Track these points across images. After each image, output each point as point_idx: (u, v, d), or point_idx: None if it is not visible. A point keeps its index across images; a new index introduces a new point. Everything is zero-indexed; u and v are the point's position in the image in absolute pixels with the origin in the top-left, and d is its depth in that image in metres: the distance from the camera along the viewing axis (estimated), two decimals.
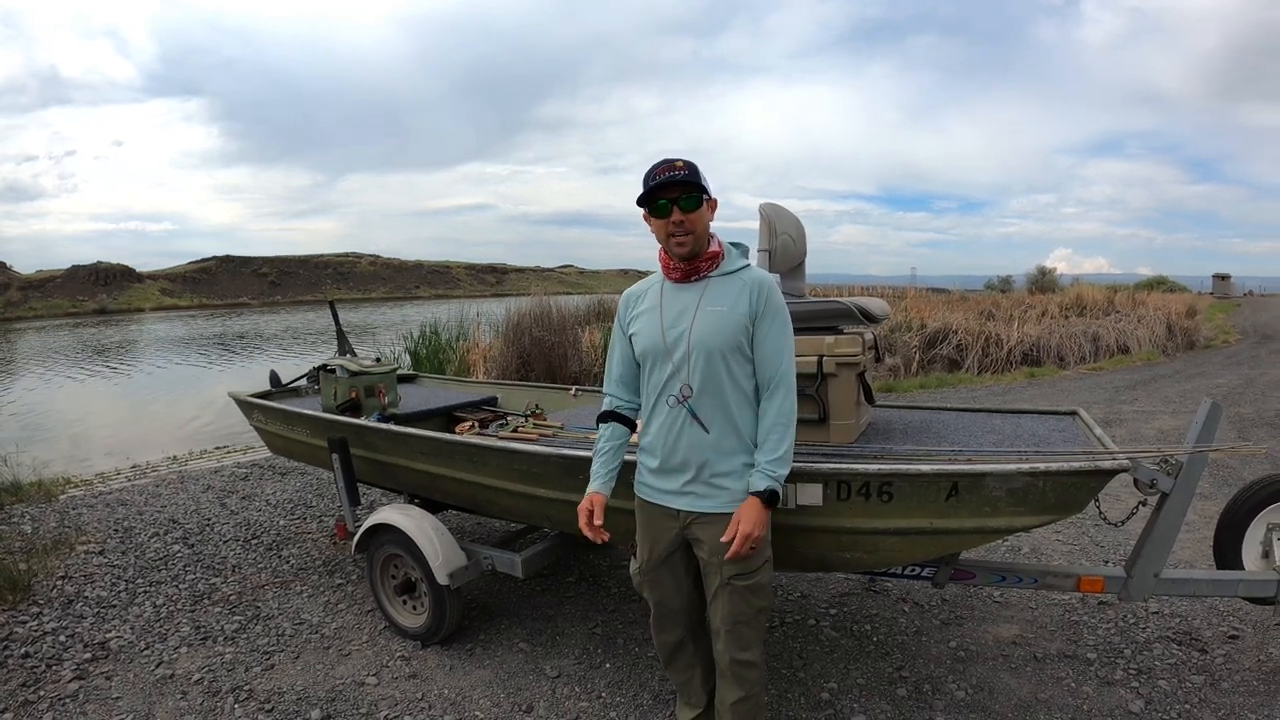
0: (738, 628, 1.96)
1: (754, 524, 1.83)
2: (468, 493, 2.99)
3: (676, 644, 2.15)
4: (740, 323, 1.91)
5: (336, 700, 2.66)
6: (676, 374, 1.94)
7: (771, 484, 1.86)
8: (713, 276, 1.97)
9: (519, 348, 9.30)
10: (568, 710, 2.59)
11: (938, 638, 3.03)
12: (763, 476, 1.87)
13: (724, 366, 1.91)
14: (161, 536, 4.38)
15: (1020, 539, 4.10)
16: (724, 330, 1.91)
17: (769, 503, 1.86)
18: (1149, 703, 2.55)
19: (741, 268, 1.99)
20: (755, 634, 1.99)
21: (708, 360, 1.91)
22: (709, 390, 1.92)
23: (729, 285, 1.95)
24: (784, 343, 1.94)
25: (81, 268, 54.55)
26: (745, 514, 1.85)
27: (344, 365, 3.63)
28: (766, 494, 1.85)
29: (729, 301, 1.93)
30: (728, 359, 1.91)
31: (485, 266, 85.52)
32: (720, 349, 1.90)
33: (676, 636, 2.14)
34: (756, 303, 1.92)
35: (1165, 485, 2.28)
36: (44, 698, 2.71)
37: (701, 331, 1.92)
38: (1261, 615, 3.11)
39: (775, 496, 1.87)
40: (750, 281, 1.95)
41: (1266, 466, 5.19)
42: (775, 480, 1.87)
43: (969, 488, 2.09)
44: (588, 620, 3.24)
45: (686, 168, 1.88)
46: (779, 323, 1.94)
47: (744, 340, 1.92)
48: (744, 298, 1.93)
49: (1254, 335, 16.06)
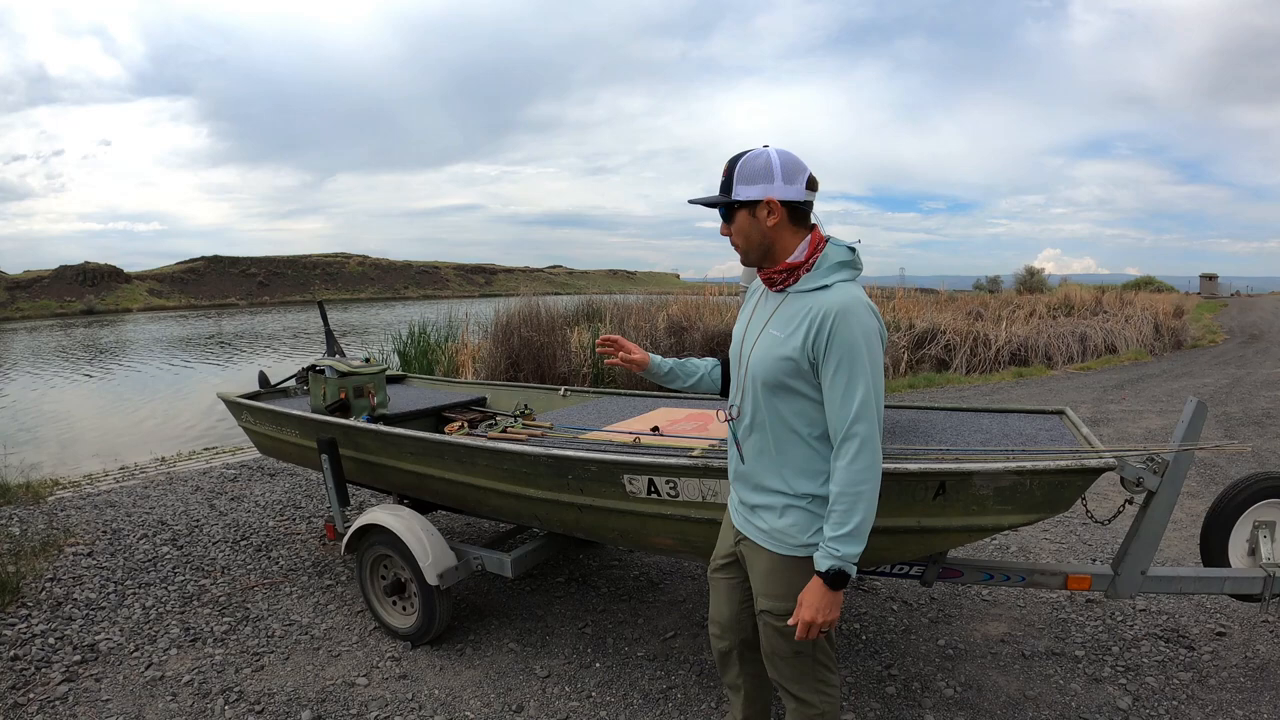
0: (774, 658, 1.83)
1: (815, 610, 1.60)
2: (457, 493, 2.99)
3: (725, 652, 2.02)
4: (789, 356, 1.63)
5: (327, 701, 2.65)
6: (736, 390, 1.78)
7: (835, 564, 1.58)
8: (791, 291, 1.70)
9: (508, 348, 9.30)
10: (558, 710, 2.59)
11: (926, 636, 3.04)
12: (825, 555, 1.60)
13: (772, 399, 1.68)
14: (150, 538, 4.35)
15: (1008, 538, 4.12)
16: (771, 361, 1.66)
17: (834, 585, 1.60)
18: (1137, 699, 2.57)
19: (819, 287, 1.65)
20: (797, 672, 1.80)
21: (755, 389, 1.70)
22: (754, 420, 1.72)
23: (797, 306, 1.66)
24: (853, 389, 1.57)
25: (69, 268, 54.10)
26: (807, 597, 1.62)
27: (333, 366, 3.61)
28: (830, 575, 1.59)
29: (790, 327, 1.65)
30: (776, 393, 1.67)
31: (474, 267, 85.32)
32: (766, 381, 1.68)
33: (724, 645, 2.01)
34: (814, 337, 1.60)
35: (1152, 483, 2.30)
36: (33, 700, 2.69)
37: (756, 356, 1.70)
38: (1248, 612, 3.15)
39: (842, 578, 1.59)
40: (816, 307, 1.61)
41: (1252, 465, 5.25)
42: (839, 559, 1.58)
43: (956, 486, 2.10)
44: (577, 620, 3.24)
45: (725, 170, 1.67)
46: (848, 363, 1.57)
47: (793, 375, 1.64)
48: (802, 327, 1.62)
49: (1241, 335, 16.23)
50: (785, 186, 1.64)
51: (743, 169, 1.66)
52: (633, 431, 2.74)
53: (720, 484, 2.23)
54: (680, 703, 2.61)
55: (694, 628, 3.14)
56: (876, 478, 1.61)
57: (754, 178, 1.65)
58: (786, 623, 1.68)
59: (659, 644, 3.02)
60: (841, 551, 1.58)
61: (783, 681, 1.84)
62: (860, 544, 1.59)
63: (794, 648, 1.77)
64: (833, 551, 1.59)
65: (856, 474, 1.58)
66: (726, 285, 13.99)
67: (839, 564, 1.59)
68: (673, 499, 2.33)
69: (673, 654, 2.94)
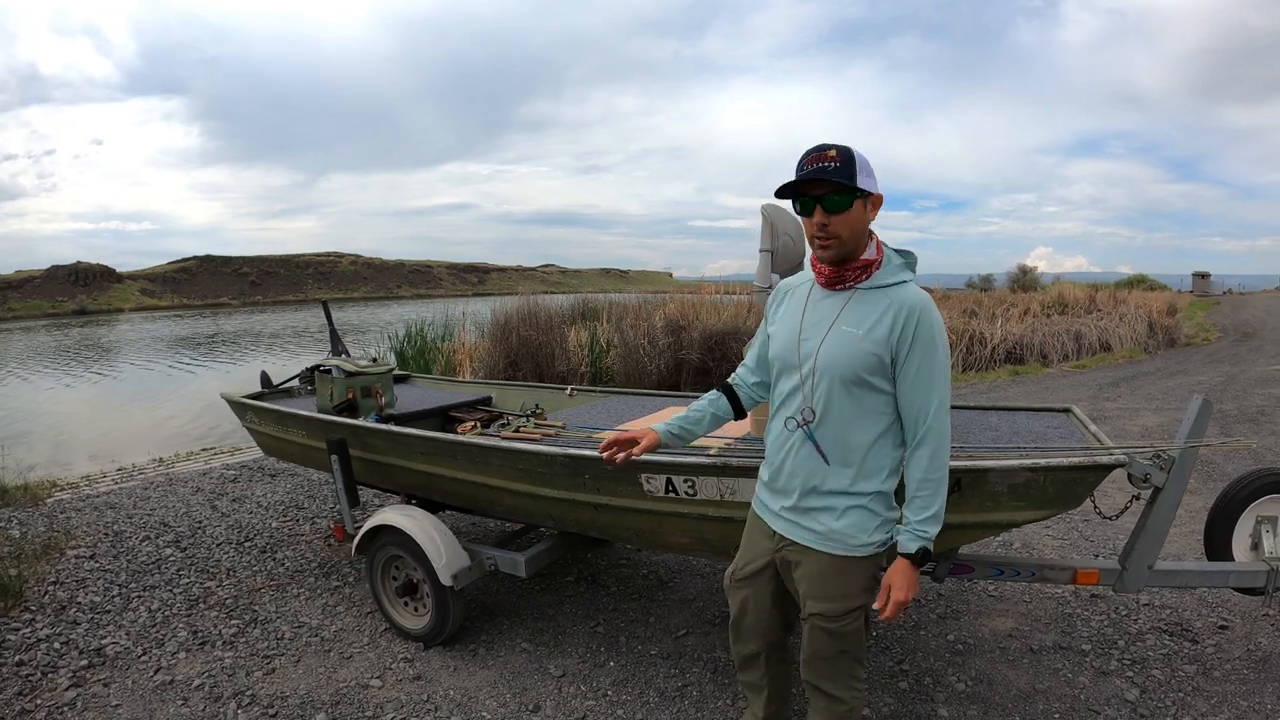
0: (815, 660, 1.85)
1: (905, 589, 1.67)
2: (469, 493, 2.99)
3: (748, 656, 2.05)
4: (873, 351, 1.66)
5: (341, 704, 2.65)
6: (799, 392, 1.76)
7: (923, 544, 1.68)
8: (860, 288, 1.71)
9: (506, 347, 9.29)
10: (575, 709, 2.59)
11: (935, 632, 3.07)
12: (912, 537, 1.68)
13: (848, 397, 1.69)
14: (153, 540, 4.33)
15: (1012, 535, 4.16)
16: (853, 357, 1.67)
17: (920, 563, 1.69)
18: (1144, 691, 2.60)
19: (895, 283, 1.70)
20: (836, 671, 1.84)
21: (830, 386, 1.70)
22: (831, 419, 1.72)
23: (874, 302, 1.69)
24: (934, 383, 1.66)
25: (61, 268, 53.68)
26: (895, 578, 1.68)
27: (340, 366, 3.61)
28: (919, 554, 1.68)
29: (868, 323, 1.67)
30: (853, 390, 1.69)
31: (467, 266, 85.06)
32: (845, 377, 1.68)
33: (748, 650, 2.04)
34: (900, 332, 1.65)
35: (1158, 479, 2.34)
36: (41, 706, 2.66)
37: (829, 353, 1.70)
38: (1249, 606, 3.19)
39: (928, 555, 1.70)
40: (897, 303, 1.66)
41: (1249, 462, 5.30)
42: (926, 540, 1.68)
43: (972, 483, 2.13)
44: (589, 620, 3.24)
45: (839, 158, 1.63)
46: (929, 359, 1.65)
47: (874, 371, 1.67)
48: (885, 322, 1.66)
49: (1234, 333, 16.36)
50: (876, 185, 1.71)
51: (862, 161, 1.65)
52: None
53: (739, 482, 2.24)
54: (696, 700, 2.62)
55: (705, 626, 3.16)
56: (947, 464, 1.72)
57: (870, 171, 1.67)
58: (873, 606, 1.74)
59: (672, 642, 3.03)
60: (929, 533, 1.69)
61: (818, 681, 1.86)
62: (940, 525, 1.71)
63: (839, 647, 1.81)
64: (920, 533, 1.69)
65: (939, 464, 1.70)
66: (724, 284, 14.01)
67: (926, 544, 1.69)
68: (690, 497, 2.34)
69: (686, 652, 2.95)
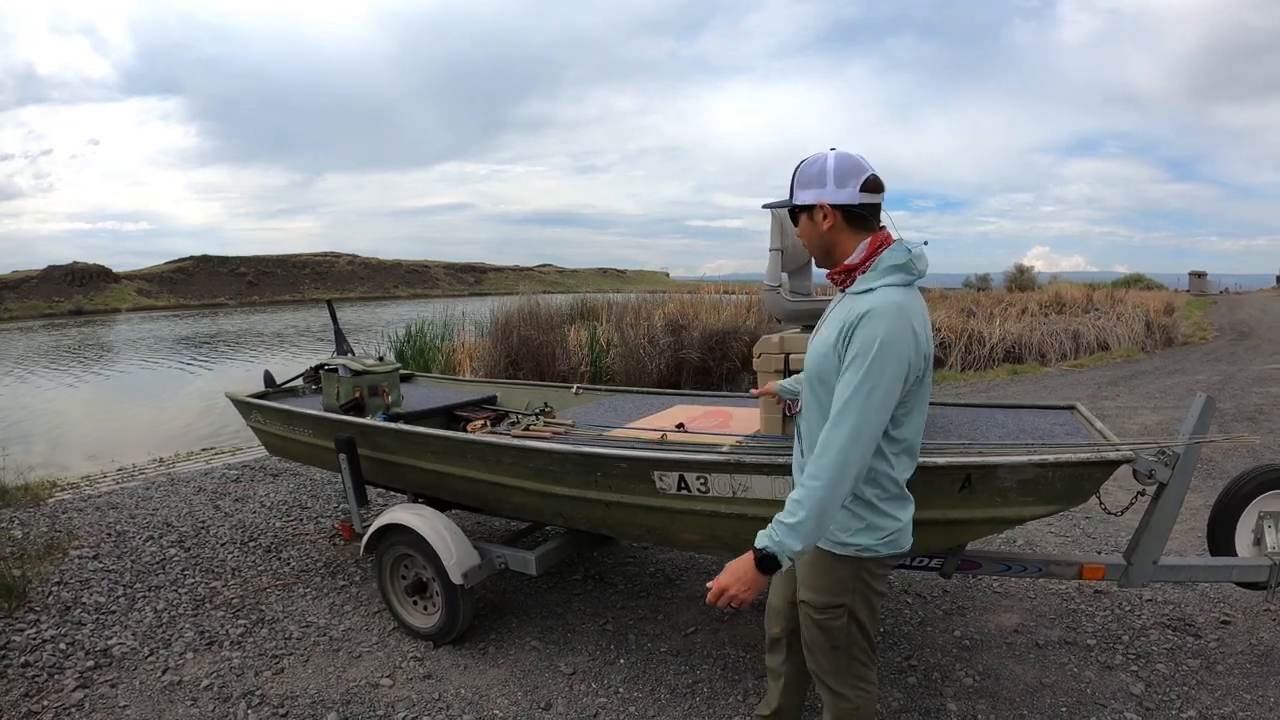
0: (812, 650, 1.84)
1: (733, 579, 1.54)
2: (478, 491, 2.99)
3: (774, 639, 2.06)
4: (825, 353, 1.66)
5: (352, 703, 2.65)
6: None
7: (767, 544, 1.51)
8: (847, 293, 1.72)
9: (507, 346, 9.30)
10: (586, 706, 2.60)
11: (942, 628, 3.09)
12: (766, 534, 1.54)
13: (814, 397, 1.72)
14: (156, 540, 4.32)
15: (1014, 531, 4.18)
16: (816, 358, 1.71)
17: (760, 566, 1.52)
18: (1149, 685, 2.63)
19: (864, 290, 1.65)
20: (835, 667, 1.80)
21: (807, 389, 1.75)
22: (807, 416, 1.76)
23: (846, 307, 1.67)
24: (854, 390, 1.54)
25: (57, 268, 53.43)
26: (732, 565, 1.56)
27: (346, 365, 3.61)
28: (760, 555, 1.52)
29: (834, 327, 1.67)
30: (817, 390, 1.70)
31: (464, 266, 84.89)
32: (810, 377, 1.73)
33: (776, 631, 2.05)
34: (842, 336, 1.61)
35: (1163, 475, 2.36)
36: (48, 708, 2.65)
37: (809, 355, 1.75)
38: (1251, 602, 3.22)
39: (770, 562, 1.51)
40: (851, 310, 1.62)
41: (1248, 460, 5.34)
42: (775, 544, 1.51)
43: (982, 479, 2.15)
44: (598, 618, 3.25)
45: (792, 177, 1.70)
46: (856, 365, 1.55)
47: (832, 374, 1.64)
48: (838, 327, 1.64)
49: (1231, 332, 16.42)
50: (837, 190, 1.65)
51: (800, 174, 1.69)
52: (658, 428, 2.76)
53: (751, 479, 2.26)
54: (707, 696, 2.64)
55: (714, 623, 3.17)
56: (834, 484, 1.52)
57: (809, 182, 1.68)
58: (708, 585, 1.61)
59: (681, 639, 3.04)
60: (780, 538, 1.51)
61: (820, 674, 1.87)
62: (800, 542, 1.51)
63: (830, 641, 1.79)
64: (772, 534, 1.53)
65: (815, 470, 1.54)
66: (723, 284, 14.03)
67: (774, 548, 1.51)
68: (703, 494, 2.35)
69: (695, 649, 2.96)
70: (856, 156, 1.68)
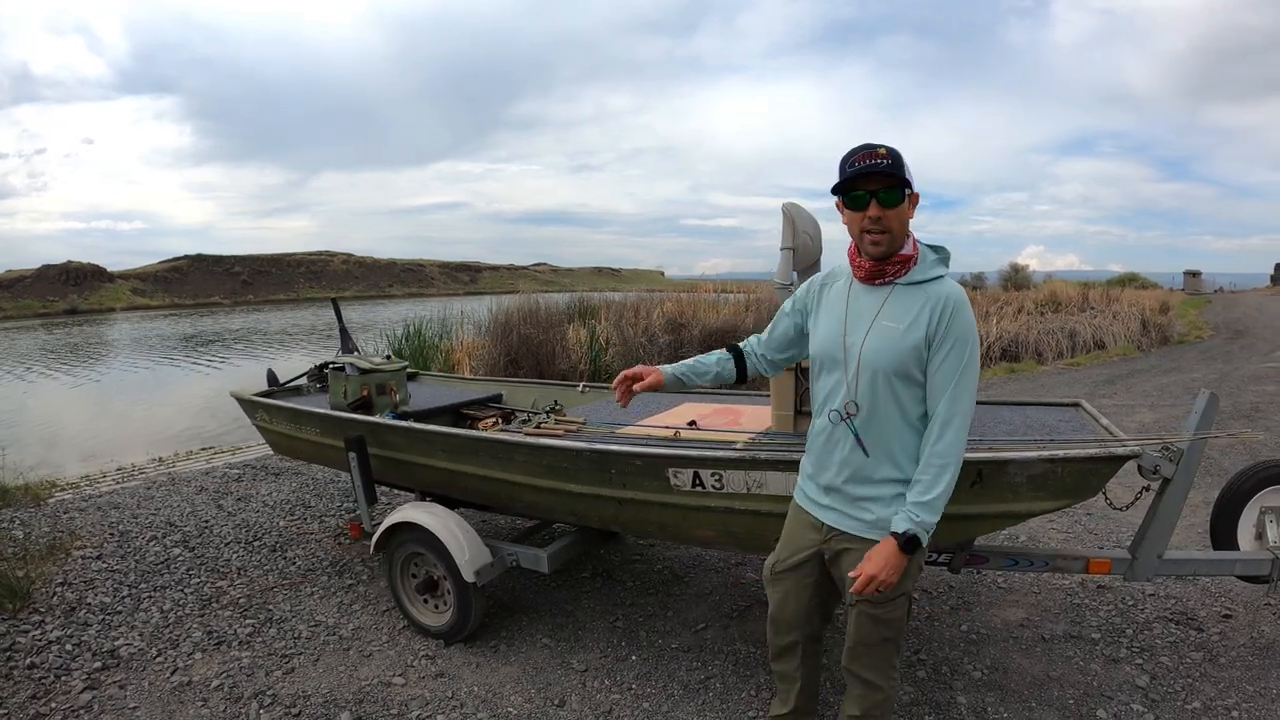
0: (859, 647, 1.88)
1: (881, 567, 1.67)
2: (489, 489, 3.00)
3: (785, 647, 2.07)
4: (914, 345, 1.70)
5: (365, 702, 2.65)
6: (842, 386, 1.79)
7: (911, 527, 1.66)
8: (899, 283, 1.76)
9: (507, 345, 9.30)
10: (600, 703, 2.62)
11: (949, 622, 3.12)
12: (904, 518, 1.68)
13: (890, 390, 1.73)
14: (160, 539, 4.31)
15: (1018, 527, 4.21)
16: (895, 351, 1.71)
17: (906, 548, 1.67)
18: (1154, 678, 2.67)
19: (933, 278, 1.74)
20: (876, 659, 1.87)
21: (873, 380, 1.74)
22: (874, 413, 1.75)
23: (912, 298, 1.73)
24: (962, 374, 1.69)
25: (52, 267, 53.04)
26: (875, 554, 1.69)
27: (354, 363, 3.61)
28: (903, 538, 1.67)
29: (908, 318, 1.71)
30: (894, 383, 1.72)
31: (459, 265, 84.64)
32: (887, 371, 1.72)
33: (785, 641, 2.06)
34: (936, 324, 1.69)
35: (1168, 471, 2.39)
36: (55, 710, 2.63)
37: (872, 347, 1.74)
38: (1252, 595, 3.26)
39: (915, 543, 1.67)
40: (935, 297, 1.71)
41: (1246, 457, 5.39)
42: (918, 525, 1.67)
43: (992, 474, 2.17)
44: (608, 615, 3.27)
45: (889, 156, 1.68)
46: (959, 350, 1.69)
47: (915, 365, 1.71)
48: (924, 316, 1.70)
49: (1226, 331, 16.49)
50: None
51: (899, 160, 1.70)
52: (670, 426, 2.78)
53: (766, 475, 2.27)
54: (720, 692, 2.65)
55: (724, 619, 3.19)
56: (961, 456, 1.71)
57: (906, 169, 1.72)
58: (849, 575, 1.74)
59: (691, 636, 3.06)
60: (921, 517, 1.68)
61: (860, 670, 1.89)
62: (937, 515, 1.69)
63: (883, 634, 1.83)
64: (913, 515, 1.68)
65: (948, 447, 1.69)
66: (721, 282, 14.05)
67: (916, 529, 1.67)
68: (718, 491, 2.37)
69: (706, 645, 2.98)
70: None
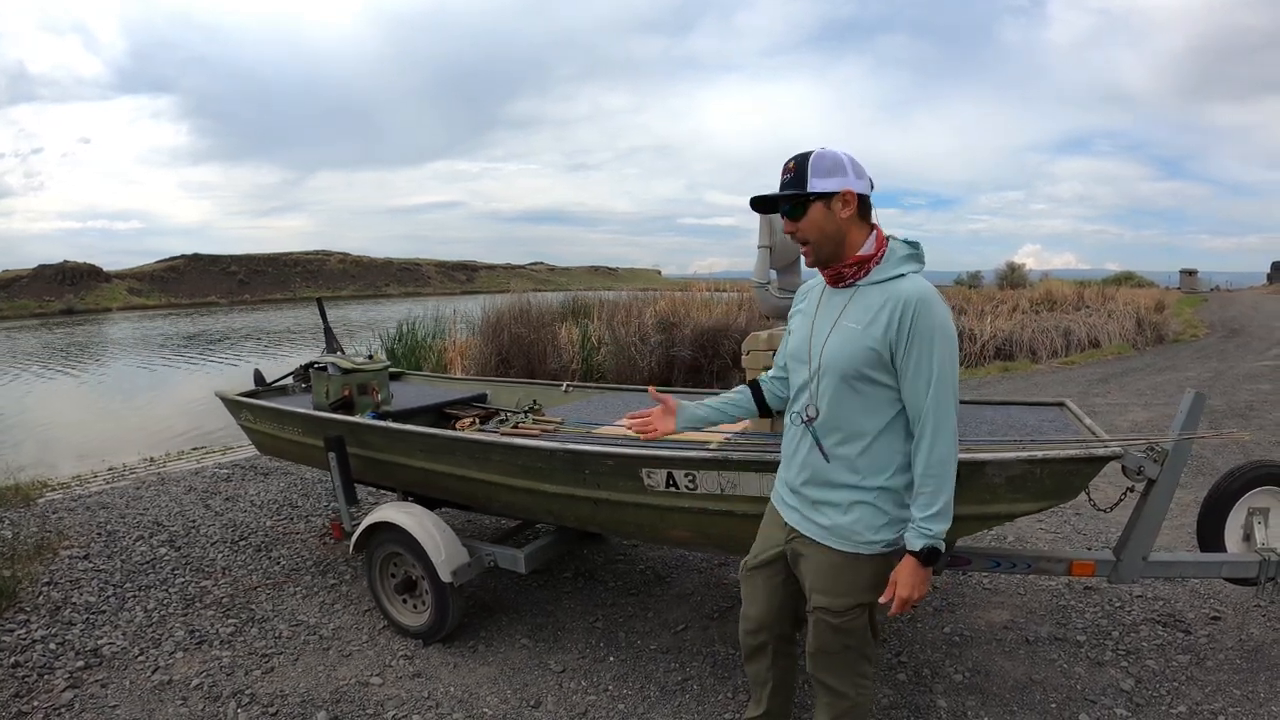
0: (820, 654, 1.86)
1: (911, 586, 1.67)
2: (467, 489, 2.98)
3: (756, 647, 2.05)
4: (870, 346, 1.66)
5: (342, 701, 2.64)
6: (807, 389, 1.77)
7: (928, 542, 1.65)
8: (861, 284, 1.71)
9: (498, 345, 9.29)
10: (576, 704, 2.60)
11: (932, 624, 3.09)
12: (917, 535, 1.66)
13: (851, 393, 1.70)
14: (147, 539, 4.30)
15: (1004, 527, 4.19)
16: (852, 351, 1.68)
17: (927, 562, 1.66)
18: (1139, 681, 2.64)
19: (894, 277, 1.69)
20: (840, 666, 1.85)
21: (833, 384, 1.71)
22: (835, 416, 1.72)
23: (873, 297, 1.69)
24: (936, 373, 1.63)
25: (48, 267, 53.13)
26: (901, 575, 1.68)
27: (336, 363, 3.59)
28: (924, 553, 1.66)
29: (867, 317, 1.67)
30: (855, 386, 1.69)
31: (456, 264, 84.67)
32: (846, 373, 1.69)
33: (756, 640, 2.04)
34: (896, 327, 1.63)
35: (1152, 471, 2.36)
36: (38, 708, 2.63)
37: (832, 349, 1.71)
38: (1241, 597, 3.22)
39: (935, 555, 1.66)
40: (894, 297, 1.65)
41: (1238, 456, 5.36)
42: (932, 538, 1.65)
43: (969, 475, 2.14)
44: (588, 615, 3.25)
45: (794, 169, 1.69)
46: (928, 350, 1.63)
47: (874, 366, 1.67)
48: (882, 317, 1.65)
49: (1222, 329, 16.46)
50: (857, 180, 1.70)
51: (817, 163, 1.68)
52: None
53: (739, 476, 2.25)
54: (697, 694, 2.63)
55: (704, 620, 3.17)
56: (955, 459, 1.68)
57: (830, 171, 1.68)
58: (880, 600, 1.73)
59: (671, 637, 3.04)
60: (934, 530, 1.66)
61: (823, 676, 1.86)
62: (948, 521, 1.68)
63: (844, 643, 1.81)
64: (925, 531, 1.67)
65: (941, 456, 1.66)
66: (714, 281, 14.03)
67: (932, 542, 1.66)
68: (691, 491, 2.35)
69: (685, 646, 2.96)
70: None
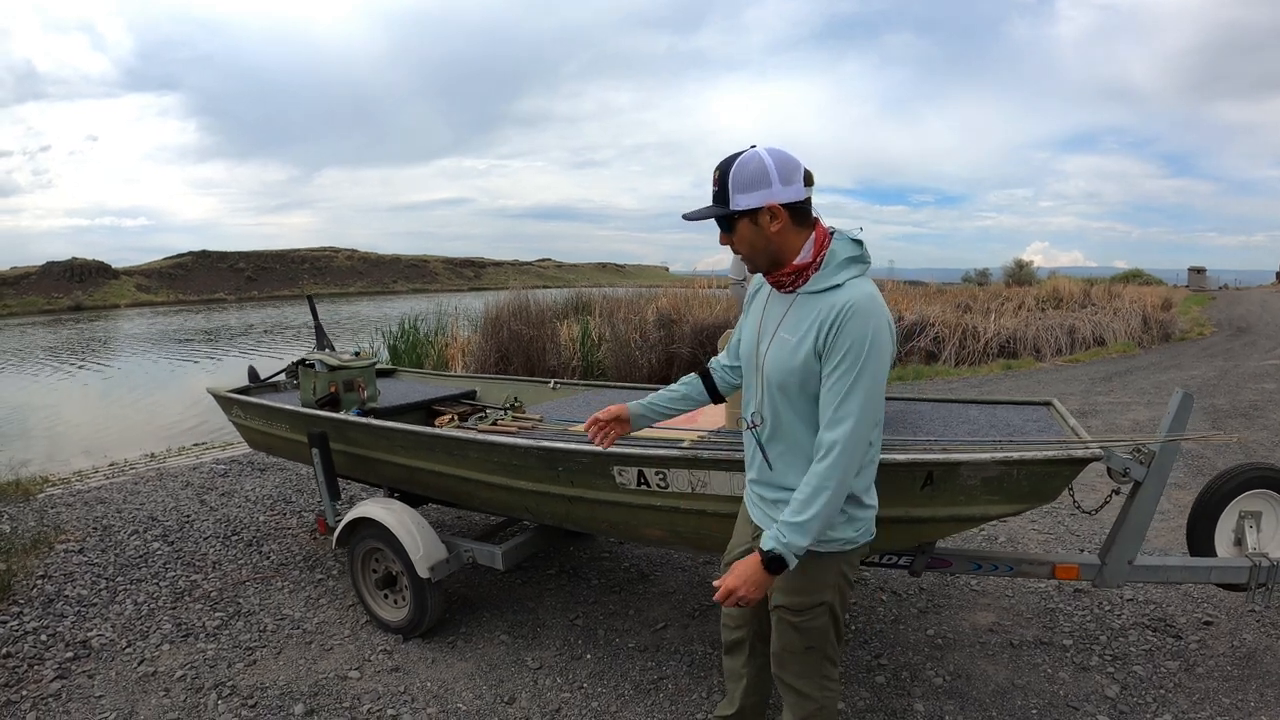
0: (783, 654, 1.82)
1: (741, 581, 1.58)
2: (448, 486, 2.99)
3: (735, 641, 2.02)
4: (803, 360, 1.59)
5: (319, 694, 2.66)
6: (754, 396, 1.73)
7: (777, 549, 1.55)
8: (800, 293, 1.63)
9: (497, 342, 9.31)
10: (550, 701, 2.60)
11: (915, 626, 3.07)
12: (772, 536, 1.57)
13: (790, 405, 1.64)
14: (141, 534, 4.33)
15: (996, 528, 4.16)
16: (788, 366, 1.61)
17: (769, 568, 1.57)
18: (1124, 688, 2.59)
19: (829, 287, 1.59)
20: (803, 667, 1.80)
21: (774, 395, 1.66)
22: (778, 427, 1.68)
23: (809, 308, 1.60)
24: (850, 391, 1.53)
25: (56, 264, 53.65)
26: (739, 567, 1.61)
27: (322, 360, 3.60)
28: (768, 559, 1.56)
29: (801, 330, 1.60)
30: (794, 399, 1.63)
31: (463, 260, 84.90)
32: (784, 385, 1.63)
33: (737, 635, 2.01)
34: (826, 337, 1.55)
35: (1138, 474, 2.32)
36: (26, 697, 2.68)
37: (771, 360, 1.65)
38: (1235, 602, 3.16)
39: (779, 563, 1.56)
40: (826, 308, 1.56)
41: (1240, 456, 5.29)
42: (784, 547, 1.55)
43: (944, 477, 2.12)
44: (568, 612, 3.25)
45: (718, 181, 1.59)
46: (848, 361, 1.53)
47: (810, 378, 1.60)
48: (814, 329, 1.57)
49: (1229, 328, 16.28)
50: (784, 188, 1.57)
51: (737, 176, 1.56)
52: None
53: (710, 475, 2.24)
54: (671, 693, 2.62)
55: (684, 619, 3.16)
56: (843, 482, 1.56)
57: (751, 184, 1.56)
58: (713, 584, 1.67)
59: (650, 635, 3.03)
60: (788, 539, 1.55)
61: (786, 676, 1.84)
62: (807, 539, 1.55)
63: (806, 643, 1.77)
64: (780, 535, 1.56)
65: (828, 470, 1.55)
66: (716, 278, 14.00)
67: (781, 550, 1.55)
68: (662, 490, 2.34)
69: (664, 645, 2.95)
70: (786, 151, 1.59)
